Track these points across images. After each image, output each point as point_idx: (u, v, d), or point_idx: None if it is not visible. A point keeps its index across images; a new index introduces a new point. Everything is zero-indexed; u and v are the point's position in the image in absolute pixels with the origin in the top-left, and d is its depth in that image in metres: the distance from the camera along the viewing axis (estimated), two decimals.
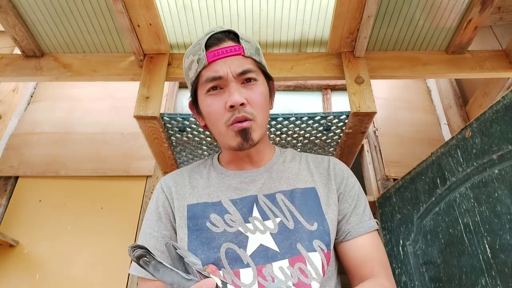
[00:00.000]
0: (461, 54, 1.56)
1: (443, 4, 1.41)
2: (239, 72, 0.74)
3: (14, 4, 1.40)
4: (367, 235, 0.75)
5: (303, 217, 0.72)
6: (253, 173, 0.80)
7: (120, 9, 1.31)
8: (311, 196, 0.76)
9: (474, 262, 1.06)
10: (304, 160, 0.85)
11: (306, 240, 0.69)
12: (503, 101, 1.04)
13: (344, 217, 0.76)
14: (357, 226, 0.75)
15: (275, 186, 0.77)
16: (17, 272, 1.71)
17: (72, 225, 1.82)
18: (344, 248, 0.75)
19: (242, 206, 0.74)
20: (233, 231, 0.71)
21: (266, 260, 0.67)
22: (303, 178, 0.79)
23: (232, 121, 0.73)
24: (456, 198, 1.20)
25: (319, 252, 0.68)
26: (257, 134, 0.75)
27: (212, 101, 0.76)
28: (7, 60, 1.57)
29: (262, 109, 0.77)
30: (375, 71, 1.51)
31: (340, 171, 0.82)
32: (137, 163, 1.98)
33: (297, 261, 0.67)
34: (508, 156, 1.00)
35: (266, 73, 0.82)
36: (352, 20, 1.40)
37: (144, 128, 1.41)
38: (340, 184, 0.79)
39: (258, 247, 0.69)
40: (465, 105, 2.04)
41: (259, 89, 0.77)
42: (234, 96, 0.72)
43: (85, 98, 2.21)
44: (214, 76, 0.74)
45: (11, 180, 1.94)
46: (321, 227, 0.71)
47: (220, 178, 0.81)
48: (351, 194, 0.79)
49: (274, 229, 0.71)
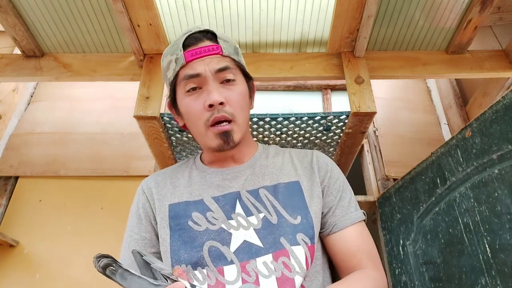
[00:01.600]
0: (461, 54, 1.56)
1: (443, 4, 1.41)
2: (217, 69, 0.74)
3: (14, 4, 1.40)
4: (354, 227, 0.74)
5: (287, 211, 0.71)
6: (235, 170, 0.79)
7: (120, 9, 1.31)
8: (294, 190, 0.75)
9: (474, 262, 1.06)
10: (287, 154, 0.84)
11: (290, 234, 0.68)
12: (503, 101, 1.04)
13: (330, 210, 0.76)
14: (342, 218, 0.74)
15: (258, 181, 0.76)
16: (17, 272, 1.70)
17: (72, 225, 1.82)
18: (331, 241, 0.74)
19: (224, 203, 0.74)
20: (216, 229, 0.70)
21: (250, 256, 0.67)
22: (287, 173, 0.78)
23: (211, 121, 0.73)
24: (456, 198, 1.20)
25: (302, 245, 0.68)
26: (237, 135, 0.75)
27: (191, 101, 0.75)
28: (7, 60, 1.57)
29: (242, 109, 0.76)
30: (375, 71, 1.51)
31: (323, 164, 0.81)
32: (137, 163, 1.98)
33: (281, 255, 0.67)
34: (508, 156, 1.00)
35: (245, 73, 0.82)
36: (352, 20, 1.40)
37: (144, 128, 1.41)
38: (324, 177, 0.79)
39: (241, 243, 0.69)
40: (465, 105, 2.04)
41: (238, 89, 0.76)
42: (212, 95, 0.71)
43: (85, 98, 2.21)
44: (192, 73, 0.73)
45: (11, 180, 1.94)
46: (304, 220, 0.71)
47: (201, 176, 0.80)
48: (336, 187, 0.78)
49: (258, 224, 0.70)
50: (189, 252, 0.69)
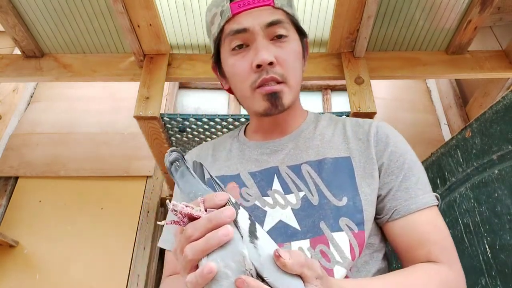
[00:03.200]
0: (461, 55, 1.56)
1: (443, 4, 1.41)
2: (267, 23, 0.64)
3: (14, 5, 1.40)
4: (421, 213, 0.61)
5: (331, 191, 0.62)
6: (276, 143, 0.71)
7: (120, 10, 1.31)
8: (343, 167, 0.64)
9: (474, 262, 1.06)
10: (341, 125, 0.72)
11: (331, 218, 0.59)
12: (503, 101, 1.04)
13: (390, 192, 0.63)
14: (406, 203, 0.61)
15: (301, 156, 0.67)
16: (17, 272, 1.70)
17: (72, 225, 1.82)
18: (390, 229, 0.62)
19: (260, 179, 0.67)
20: (249, 206, 0.64)
21: (285, 239, 0.59)
22: (336, 146, 0.68)
23: (259, 83, 0.64)
24: (456, 198, 1.19)
25: (346, 231, 0.58)
26: (287, 98, 0.65)
27: (237, 60, 0.66)
28: (7, 60, 1.57)
29: (294, 70, 0.67)
30: (375, 71, 1.51)
31: (383, 136, 0.67)
32: (137, 163, 1.98)
33: (319, 242, 0.58)
34: (508, 156, 1.00)
35: (299, 28, 0.71)
36: (352, 21, 1.40)
37: (144, 128, 1.41)
38: (383, 152, 0.65)
39: (277, 223, 0.61)
40: (465, 106, 2.04)
41: (291, 46, 0.67)
42: (261, 53, 0.62)
43: (85, 98, 2.22)
44: (238, 28, 0.65)
45: (11, 180, 1.94)
46: (351, 202, 0.60)
47: (241, 150, 0.74)
48: (398, 164, 0.64)
49: (297, 204, 0.62)
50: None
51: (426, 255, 0.58)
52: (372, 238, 0.62)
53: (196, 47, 1.55)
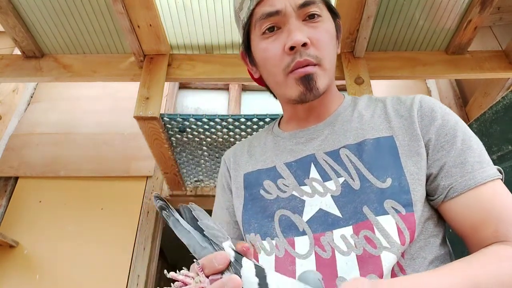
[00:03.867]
0: (461, 55, 1.56)
1: (442, 4, 1.41)
2: (300, 4, 0.61)
3: (14, 5, 1.40)
4: (482, 188, 0.54)
5: (372, 173, 0.58)
6: (311, 130, 0.68)
7: (120, 10, 1.31)
8: (385, 147, 0.60)
9: None
10: (381, 104, 0.67)
11: (375, 202, 0.55)
12: (503, 101, 1.04)
13: (442, 169, 0.57)
14: (462, 179, 0.55)
15: (339, 140, 0.64)
16: (17, 272, 1.71)
17: (72, 225, 1.82)
18: (448, 210, 0.56)
19: (296, 169, 0.64)
20: (286, 196, 0.62)
21: (326, 227, 0.56)
22: (377, 126, 0.63)
23: (292, 67, 0.61)
24: None
25: (392, 214, 0.54)
26: (323, 81, 0.62)
27: (268, 44, 0.63)
28: (7, 60, 1.57)
29: (328, 51, 0.63)
30: (375, 71, 1.51)
31: (428, 109, 0.61)
32: (137, 163, 1.98)
33: (363, 227, 0.54)
34: (508, 156, 1.00)
35: (331, 9, 0.68)
36: (352, 21, 1.40)
37: (144, 128, 1.41)
38: (429, 126, 0.60)
39: (316, 212, 0.59)
40: (465, 106, 2.04)
41: (325, 27, 0.63)
42: (294, 34, 0.60)
43: (85, 99, 2.22)
44: (270, 11, 0.62)
45: (11, 180, 1.94)
46: (396, 183, 0.56)
47: (275, 142, 0.72)
48: (448, 138, 0.58)
49: (337, 190, 0.59)
50: (260, 222, 0.62)
51: (493, 234, 0.52)
52: (425, 223, 0.57)
53: (196, 47, 1.55)
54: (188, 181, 1.88)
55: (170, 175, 1.75)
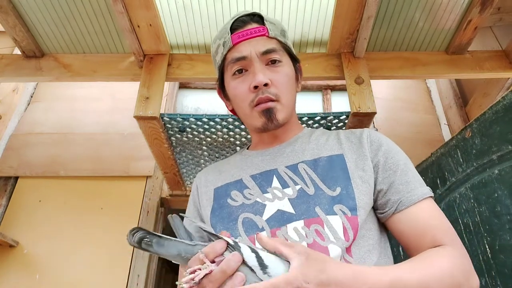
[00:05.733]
0: (461, 55, 1.56)
1: (442, 4, 1.41)
2: (262, 51, 0.75)
3: (14, 5, 1.40)
4: (423, 203, 0.66)
5: (325, 184, 0.68)
6: (275, 150, 0.79)
7: (120, 10, 1.31)
8: (336, 162, 0.71)
9: (474, 262, 1.05)
10: (335, 133, 0.81)
11: (326, 204, 0.65)
12: (503, 101, 1.04)
13: (391, 186, 0.68)
14: (408, 194, 0.66)
15: (298, 157, 0.75)
16: (17, 272, 1.70)
17: (72, 225, 1.82)
18: (397, 221, 0.67)
19: (261, 180, 0.74)
20: (251, 203, 0.71)
21: (281, 223, 0.65)
22: (330, 147, 0.75)
23: (256, 102, 0.74)
24: (456, 198, 1.20)
25: (340, 215, 0.63)
26: (281, 114, 0.75)
27: (237, 83, 0.77)
28: (7, 60, 1.57)
29: (287, 90, 0.76)
30: (375, 71, 1.51)
31: (376, 138, 0.75)
32: (137, 163, 1.98)
33: (314, 222, 0.63)
34: (507, 156, 1.00)
35: (292, 55, 0.82)
36: (352, 21, 1.40)
37: (144, 128, 1.41)
38: (377, 150, 0.72)
39: (275, 212, 0.68)
40: (465, 106, 2.04)
41: (284, 70, 0.77)
42: (257, 76, 0.73)
43: (85, 98, 2.22)
44: (238, 56, 0.75)
45: (11, 180, 1.94)
46: (344, 191, 0.66)
47: (243, 159, 0.82)
48: (394, 161, 0.71)
49: (293, 194, 0.69)
50: (226, 225, 0.70)
51: (431, 240, 0.62)
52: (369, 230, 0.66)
53: (196, 47, 1.55)
54: (188, 181, 1.88)
55: (170, 175, 1.75)
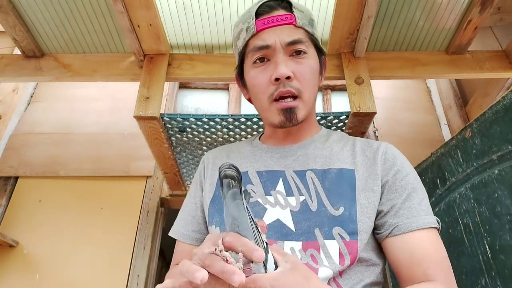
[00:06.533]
0: (461, 55, 1.56)
1: (443, 4, 1.41)
2: (288, 42, 0.70)
3: (14, 5, 1.40)
4: (422, 232, 0.62)
5: (329, 200, 0.65)
6: (286, 149, 0.76)
7: (120, 10, 1.31)
8: (345, 178, 0.67)
9: (474, 262, 1.06)
10: (351, 142, 0.76)
11: (326, 226, 0.62)
12: (503, 101, 1.04)
13: (392, 209, 0.65)
14: (408, 220, 0.63)
15: (308, 163, 0.71)
16: (17, 272, 1.71)
17: (72, 225, 1.82)
18: (390, 245, 0.64)
19: (266, 179, 0.71)
20: (252, 201, 0.68)
21: (279, 237, 0.63)
22: (343, 159, 0.71)
23: (276, 96, 0.69)
24: (456, 198, 1.20)
25: (337, 240, 0.61)
26: (302, 113, 0.70)
27: (257, 73, 0.72)
28: (7, 60, 1.57)
29: (309, 85, 0.71)
30: (375, 71, 1.51)
31: (391, 156, 0.70)
32: (137, 163, 1.98)
33: (311, 247, 0.61)
34: (508, 156, 1.00)
35: (318, 47, 0.76)
36: (352, 21, 1.40)
37: (144, 128, 1.41)
38: (389, 170, 0.68)
39: (274, 221, 0.65)
40: (465, 106, 2.04)
41: (309, 63, 0.71)
42: (280, 68, 0.68)
43: (85, 98, 2.22)
44: (262, 45, 0.70)
45: (11, 180, 1.94)
46: (346, 212, 0.63)
47: (252, 152, 0.79)
48: (403, 184, 0.67)
49: (296, 206, 0.66)
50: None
51: (423, 273, 0.59)
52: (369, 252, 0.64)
53: (196, 47, 1.55)
54: (188, 181, 1.88)
55: (170, 174, 1.75)
